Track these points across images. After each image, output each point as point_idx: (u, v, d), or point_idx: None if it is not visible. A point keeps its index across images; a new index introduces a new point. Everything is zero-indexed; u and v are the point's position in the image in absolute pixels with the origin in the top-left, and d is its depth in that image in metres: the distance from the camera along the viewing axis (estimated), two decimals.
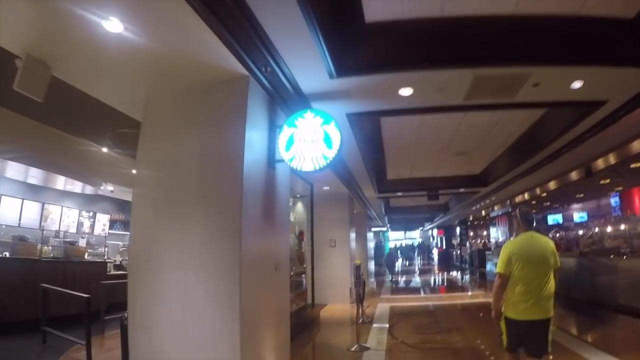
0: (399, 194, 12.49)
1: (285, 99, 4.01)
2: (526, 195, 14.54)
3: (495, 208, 18.69)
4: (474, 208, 17.80)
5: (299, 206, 9.34)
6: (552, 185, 12.20)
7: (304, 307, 8.17)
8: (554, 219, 24.14)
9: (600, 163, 8.59)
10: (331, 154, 3.68)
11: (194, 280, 3.26)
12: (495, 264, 3.62)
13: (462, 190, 12.30)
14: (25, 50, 3.30)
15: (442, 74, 3.92)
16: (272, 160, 3.95)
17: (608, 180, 13.17)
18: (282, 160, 3.87)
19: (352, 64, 3.68)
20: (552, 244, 3.37)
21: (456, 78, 4.02)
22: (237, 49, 3.04)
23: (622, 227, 12.91)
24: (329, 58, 3.47)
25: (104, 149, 6.22)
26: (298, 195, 9.20)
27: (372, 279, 16.93)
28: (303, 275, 8.66)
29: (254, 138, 3.61)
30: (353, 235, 11.99)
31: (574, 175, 9.93)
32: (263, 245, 3.70)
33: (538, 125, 6.68)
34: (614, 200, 18.27)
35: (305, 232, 9.11)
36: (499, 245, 19.15)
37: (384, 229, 25.69)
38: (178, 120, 3.74)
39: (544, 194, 14.27)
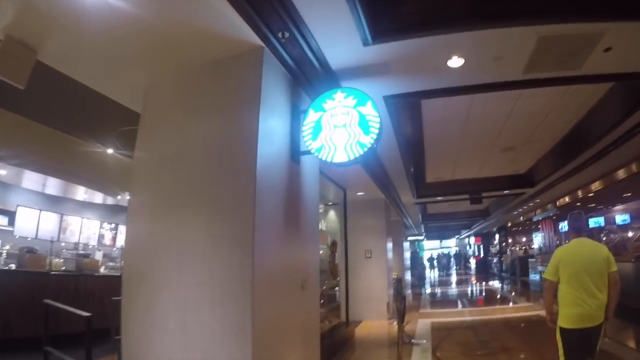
0: (439, 198, 11.47)
1: (309, 77, 3.28)
2: (567, 199, 13.25)
3: (537, 212, 17.40)
4: (515, 212, 16.47)
5: (332, 214, 8.57)
6: (597, 185, 11.10)
7: (338, 325, 7.37)
8: (595, 221, 22.63)
9: None
10: (368, 140, 2.90)
11: (196, 302, 2.55)
12: (540, 273, 4.23)
13: (506, 192, 11.14)
14: (5, 31, 2.81)
15: (501, 36, 3.06)
16: (296, 152, 3.21)
17: None
18: (308, 152, 3.13)
19: (391, 25, 2.89)
20: (604, 250, 3.29)
21: (517, 41, 3.15)
22: (246, 9, 2.35)
23: None
24: (363, 18, 2.71)
25: (110, 150, 5.75)
26: (330, 203, 8.43)
27: (409, 291, 15.82)
28: (336, 289, 7.87)
29: (272, 126, 2.89)
30: (390, 244, 11.08)
31: (622, 173, 8.69)
32: (285, 259, 2.95)
33: (593, 113, 5.80)
34: None
35: (338, 242, 8.32)
36: (543, 252, 17.76)
37: (420, 237, 24.37)
38: (180, 108, 3.08)
39: (590, 194, 12.90)
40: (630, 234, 13.93)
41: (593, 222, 22.79)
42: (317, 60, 3.15)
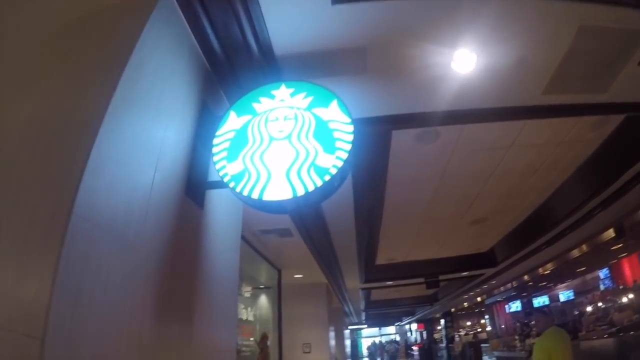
0: (389, 283, 10.12)
1: (234, 64, 1.97)
2: (526, 277, 12.82)
3: (494, 293, 16.58)
4: (467, 296, 15.43)
5: (262, 300, 6.77)
6: (550, 265, 10.93)
7: None
8: (539, 301, 23.07)
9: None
10: (332, 162, 1.55)
11: None
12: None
13: (465, 273, 10.11)
14: None
15: (535, 16, 2.06)
16: (194, 183, 1.75)
17: (620, 245, 11.89)
18: (220, 184, 1.70)
19: None
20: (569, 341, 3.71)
21: (553, 28, 2.19)
22: None
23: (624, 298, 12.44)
24: None
25: None
26: (261, 286, 6.70)
27: None
28: None
29: (149, 133, 1.45)
30: (332, 335, 9.29)
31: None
32: None
33: (562, 189, 5.35)
34: (603, 273, 17.93)
35: (270, 335, 6.48)
36: (499, 336, 16.78)
37: (362, 326, 22.24)
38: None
39: (547, 272, 12.62)
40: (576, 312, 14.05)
41: (537, 303, 23.27)
42: (255, 36, 1.88)
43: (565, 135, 4.20)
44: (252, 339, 5.79)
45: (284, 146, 1.63)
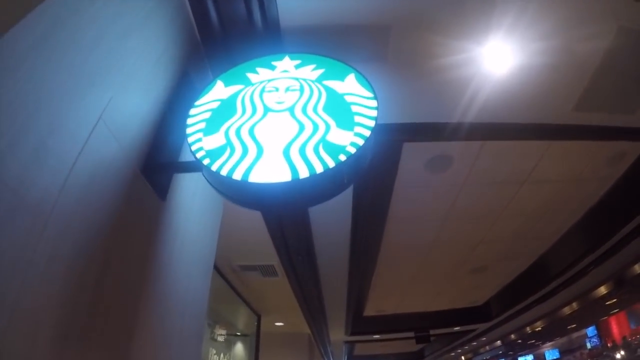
0: (376, 336, 9.31)
1: (229, 35, 1.60)
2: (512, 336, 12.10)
3: (477, 352, 15.71)
4: (454, 353, 14.43)
5: (238, 349, 5.98)
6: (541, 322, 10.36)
7: None
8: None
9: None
10: (350, 139, 1.13)
11: None
12: None
13: (457, 328, 9.36)
14: None
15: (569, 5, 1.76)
16: (156, 163, 1.29)
17: (614, 300, 11.49)
18: (189, 167, 1.26)
19: None
20: None
21: (596, 25, 1.88)
22: None
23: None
24: None
25: None
26: (238, 334, 5.96)
27: None
28: None
29: (86, 90, 1.04)
30: None
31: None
32: None
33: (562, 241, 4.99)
34: (589, 331, 17.52)
35: None
36: None
37: None
38: None
39: (537, 329, 12.02)
40: None
41: None
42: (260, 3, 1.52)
43: (582, 170, 3.90)
44: None
45: (284, 119, 1.21)
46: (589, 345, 17.20)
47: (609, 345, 15.41)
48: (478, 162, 3.22)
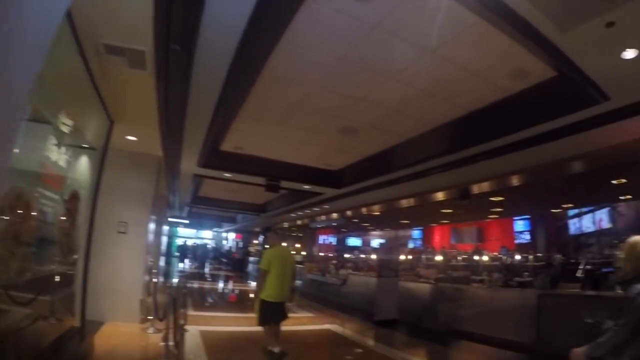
0: (227, 175, 9.61)
1: None
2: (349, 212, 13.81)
3: (313, 221, 17.29)
4: (294, 214, 15.68)
5: (83, 163, 5.30)
6: (379, 207, 12.03)
7: (67, 333, 4.63)
8: (353, 242, 26.66)
9: (477, 188, 8.26)
10: None
11: None
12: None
13: (307, 187, 10.23)
14: None
15: None
16: None
17: (450, 210, 13.82)
18: None
19: None
20: (293, 256, 5.88)
21: None
22: None
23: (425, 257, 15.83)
24: None
25: None
26: (85, 146, 5.19)
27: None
28: (71, 273, 4.89)
29: None
30: (152, 221, 8.48)
31: (440, 196, 9.39)
32: None
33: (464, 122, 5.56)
34: (415, 233, 21.02)
35: (84, 202, 5.31)
36: (315, 261, 18.99)
37: (183, 220, 21.36)
38: None
39: (376, 213, 13.90)
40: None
41: (351, 242, 26.43)
42: None
43: (484, 69, 4.08)
44: (56, 194, 4.46)
45: None
46: (411, 245, 20.16)
47: (428, 250, 18.03)
48: (399, 9, 3.15)
